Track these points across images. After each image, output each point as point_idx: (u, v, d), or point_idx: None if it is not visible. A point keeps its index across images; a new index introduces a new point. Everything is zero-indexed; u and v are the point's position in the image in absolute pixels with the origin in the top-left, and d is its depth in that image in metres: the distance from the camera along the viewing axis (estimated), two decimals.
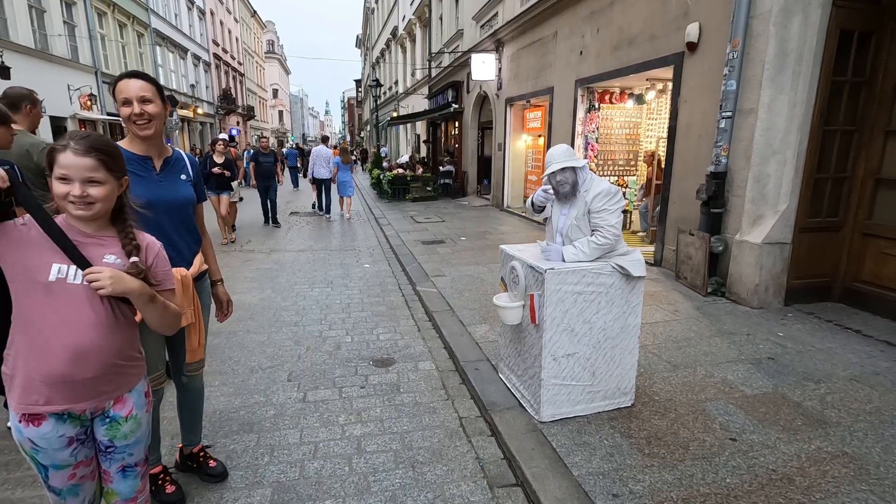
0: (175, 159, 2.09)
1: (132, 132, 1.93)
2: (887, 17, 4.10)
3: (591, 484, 2.22)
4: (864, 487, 2.15)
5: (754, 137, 4.41)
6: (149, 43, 20.64)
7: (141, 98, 1.86)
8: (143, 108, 1.87)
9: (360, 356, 3.79)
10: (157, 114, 1.91)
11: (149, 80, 1.91)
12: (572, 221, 2.70)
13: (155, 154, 2.01)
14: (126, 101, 1.85)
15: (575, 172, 2.68)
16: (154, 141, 1.98)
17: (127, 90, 1.85)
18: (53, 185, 1.32)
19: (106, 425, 1.46)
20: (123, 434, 1.48)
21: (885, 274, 4.20)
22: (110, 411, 1.46)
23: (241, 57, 37.46)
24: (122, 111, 1.87)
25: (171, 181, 2.04)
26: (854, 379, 3.14)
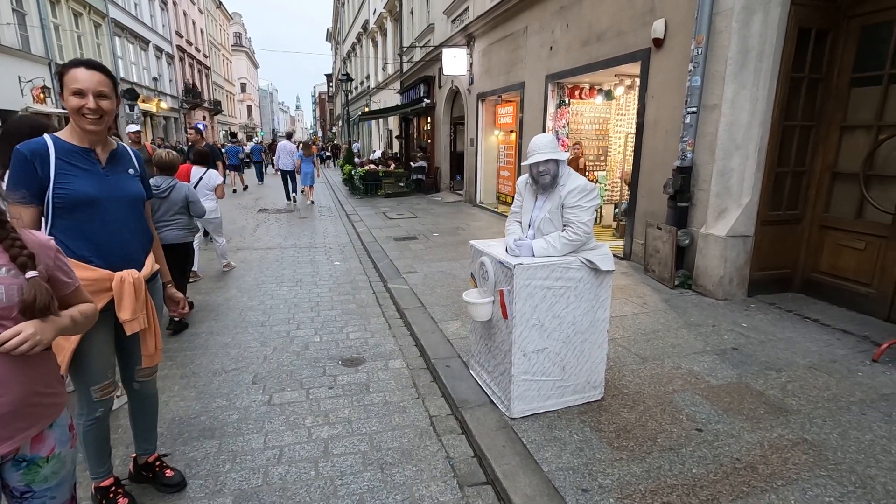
0: (121, 153, 1.97)
1: (78, 125, 1.79)
2: (842, 15, 4.23)
3: (561, 479, 2.21)
4: (823, 473, 2.21)
5: (718, 132, 4.50)
6: (107, 33, 19.76)
7: (99, 93, 1.75)
8: (98, 104, 1.75)
9: (328, 356, 3.70)
10: (111, 110, 1.81)
11: (107, 74, 1.80)
12: (545, 214, 2.68)
13: (99, 147, 1.88)
14: (79, 92, 1.72)
15: (557, 165, 2.65)
16: (101, 134, 1.86)
17: (82, 81, 1.72)
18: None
19: (22, 470, 1.25)
20: (44, 477, 1.28)
21: (841, 265, 4.36)
22: (27, 453, 1.25)
23: (206, 49, 36.31)
24: (72, 101, 1.73)
25: (118, 175, 1.91)
26: (813, 367, 3.23)
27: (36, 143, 1.77)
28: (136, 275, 1.89)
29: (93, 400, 1.93)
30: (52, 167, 1.75)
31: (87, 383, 1.90)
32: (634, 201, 5.92)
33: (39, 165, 1.74)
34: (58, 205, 1.76)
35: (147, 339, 1.98)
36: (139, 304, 1.89)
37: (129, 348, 2.02)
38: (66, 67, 1.75)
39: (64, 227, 1.79)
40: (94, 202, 1.80)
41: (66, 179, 1.76)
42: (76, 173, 1.78)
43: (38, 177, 1.73)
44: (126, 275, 1.85)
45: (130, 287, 1.84)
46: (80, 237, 1.81)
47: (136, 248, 1.95)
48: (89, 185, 1.79)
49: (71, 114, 1.77)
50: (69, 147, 1.80)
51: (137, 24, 23.09)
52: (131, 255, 1.92)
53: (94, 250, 1.83)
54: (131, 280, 1.86)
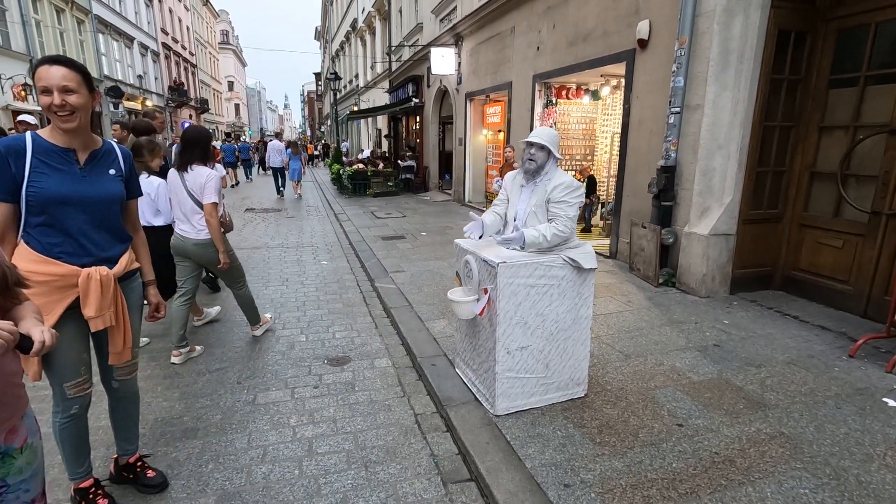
0: (104, 152, 1.94)
1: (54, 124, 1.78)
2: (820, 18, 4.32)
3: (544, 475, 2.23)
4: (798, 466, 2.26)
5: (701, 132, 4.56)
6: (90, 30, 19.44)
7: (63, 88, 1.71)
8: (64, 99, 1.71)
9: (314, 355, 3.69)
10: (82, 105, 1.76)
11: (73, 67, 1.75)
12: (531, 209, 2.71)
13: (79, 146, 1.85)
14: (45, 89, 1.70)
15: (548, 157, 2.69)
16: (79, 133, 1.83)
17: (46, 78, 1.69)
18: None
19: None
20: (18, 468, 1.28)
21: (820, 262, 4.45)
22: (1, 445, 1.24)
23: (192, 47, 35.89)
24: (41, 100, 1.71)
25: (96, 176, 1.88)
26: (791, 362, 3.30)
27: (14, 139, 1.77)
28: (104, 272, 1.86)
29: (67, 397, 1.91)
30: (27, 165, 1.74)
31: (59, 380, 1.89)
32: (620, 200, 5.98)
33: (14, 163, 1.73)
34: (30, 203, 1.76)
35: (115, 337, 1.95)
36: (105, 301, 1.86)
37: (104, 346, 2.00)
38: (35, 66, 1.75)
39: (35, 223, 1.79)
40: (66, 202, 1.79)
41: (39, 178, 1.76)
42: (49, 173, 1.77)
43: (11, 173, 1.73)
44: (93, 271, 1.84)
45: (97, 284, 1.83)
46: (50, 234, 1.80)
47: (108, 247, 1.93)
48: (61, 185, 1.78)
49: (46, 114, 1.75)
50: (47, 146, 1.79)
51: (121, 20, 22.75)
52: (103, 253, 1.90)
53: (64, 248, 1.82)
54: (98, 277, 1.84)
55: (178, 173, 3.48)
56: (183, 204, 3.46)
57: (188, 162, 3.43)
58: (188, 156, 3.43)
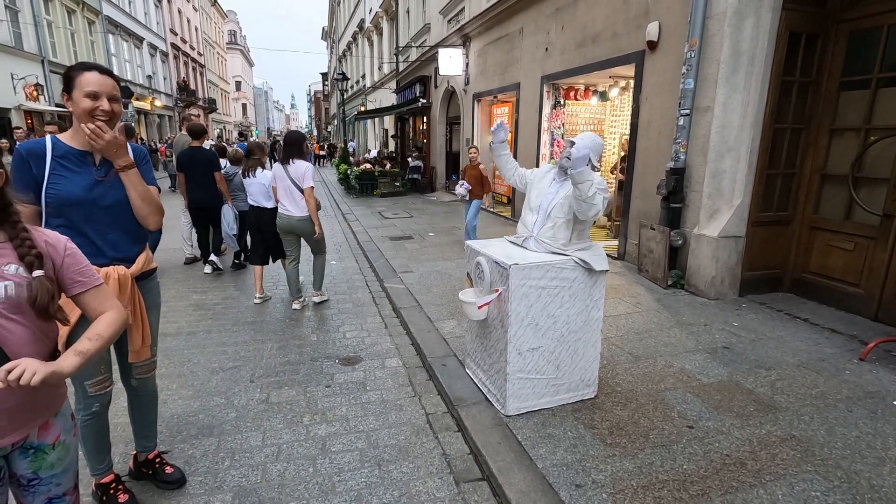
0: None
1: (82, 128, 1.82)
2: (831, 20, 4.31)
3: (556, 475, 2.25)
4: (809, 468, 2.27)
5: (710, 135, 4.56)
6: (100, 31, 19.64)
7: (111, 96, 1.83)
8: (112, 107, 1.83)
9: (325, 355, 3.73)
10: (120, 113, 1.90)
11: (116, 79, 1.90)
12: (559, 201, 2.71)
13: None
14: (95, 94, 1.79)
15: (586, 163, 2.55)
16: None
17: (97, 84, 1.79)
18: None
19: (29, 457, 1.28)
20: (50, 464, 1.32)
21: (831, 265, 4.43)
22: (34, 440, 1.29)
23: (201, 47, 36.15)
24: (85, 103, 1.78)
25: (112, 177, 1.93)
26: (802, 365, 3.30)
27: (35, 143, 1.83)
28: (122, 271, 1.92)
29: (88, 394, 1.97)
30: (46, 168, 1.81)
31: (81, 378, 1.94)
32: (628, 202, 5.98)
33: (35, 165, 1.80)
34: (49, 204, 1.82)
35: (133, 335, 2.00)
36: (123, 299, 1.90)
37: (122, 345, 2.05)
38: (76, 70, 1.79)
39: (55, 225, 1.84)
40: (82, 203, 1.84)
41: (57, 181, 1.82)
42: (67, 175, 1.83)
43: (32, 176, 1.79)
44: (111, 270, 1.89)
45: (115, 283, 1.88)
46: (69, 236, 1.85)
47: (125, 247, 1.97)
48: (78, 188, 1.84)
49: (79, 115, 1.79)
50: (66, 149, 1.85)
51: (131, 21, 22.96)
52: (120, 253, 1.95)
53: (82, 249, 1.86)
54: (116, 276, 1.89)
55: (282, 166, 4.38)
56: (288, 189, 4.37)
57: (290, 157, 4.37)
58: (289, 152, 4.40)
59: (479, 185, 6.66)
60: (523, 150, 8.87)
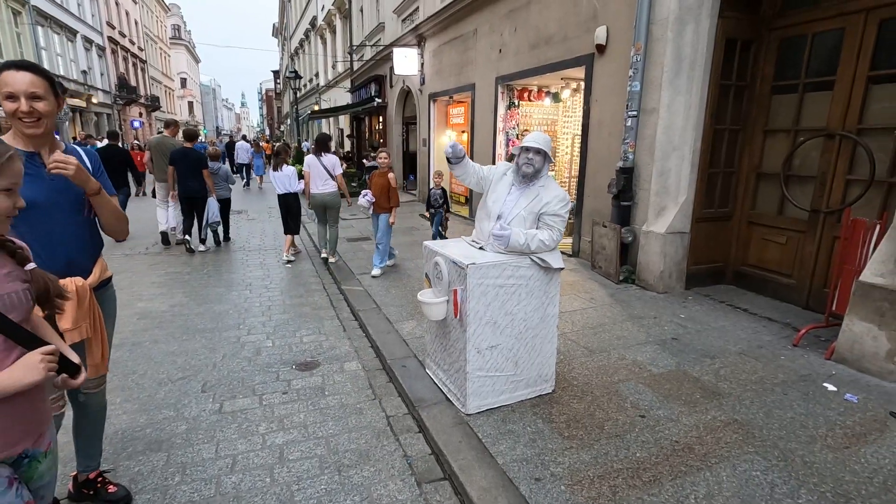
0: (67, 153, 1.84)
1: (18, 129, 1.71)
2: (764, 27, 4.59)
3: (516, 470, 2.29)
4: (750, 450, 2.41)
5: (657, 135, 4.77)
6: (28, 22, 18.27)
7: (30, 94, 1.66)
8: (32, 106, 1.66)
9: (281, 360, 3.63)
10: (49, 112, 1.72)
11: (39, 74, 1.70)
12: (521, 212, 2.74)
13: (44, 150, 1.78)
14: (11, 95, 1.65)
15: (544, 161, 2.74)
16: (44, 138, 1.77)
17: (12, 84, 1.64)
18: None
19: (24, 467, 1.24)
20: (41, 473, 1.29)
21: (767, 258, 4.73)
22: (29, 448, 1.25)
23: (141, 42, 34.30)
24: (6, 106, 1.66)
25: (63, 179, 1.79)
26: (742, 353, 3.50)
27: None
28: (80, 282, 1.80)
29: None
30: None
31: None
32: (581, 200, 6.16)
33: None
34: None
35: (93, 349, 1.89)
36: (82, 312, 1.79)
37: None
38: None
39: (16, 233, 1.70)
40: (35, 207, 1.69)
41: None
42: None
43: None
44: (69, 282, 1.76)
45: (73, 295, 1.76)
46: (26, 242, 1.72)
47: (81, 256, 1.86)
48: (30, 190, 1.69)
49: (9, 118, 1.69)
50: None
51: (63, 12, 21.49)
52: (76, 262, 1.83)
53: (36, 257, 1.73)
54: (74, 288, 1.77)
55: (316, 157, 6.01)
56: (321, 175, 5.98)
57: (320, 151, 6.09)
58: (320, 148, 6.14)
59: (385, 196, 5.57)
60: (480, 151, 8.95)
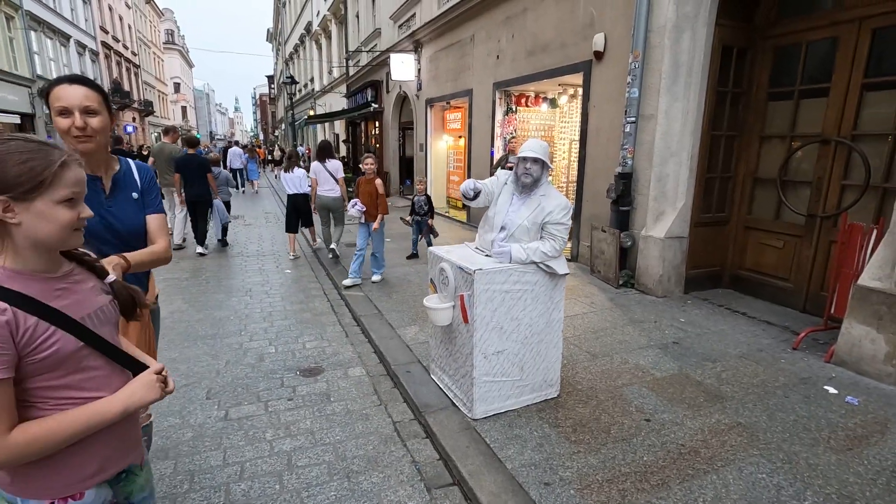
0: (123, 174, 1.77)
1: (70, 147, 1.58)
2: (759, 36, 4.67)
3: (525, 475, 2.30)
4: (755, 453, 2.44)
5: (655, 141, 4.82)
6: (20, 27, 18.15)
7: (84, 109, 1.56)
8: (86, 121, 1.57)
9: (285, 367, 3.63)
10: (103, 128, 1.63)
11: (93, 88, 1.62)
12: (524, 223, 2.74)
13: (103, 171, 1.69)
14: (64, 110, 1.55)
15: (542, 169, 2.75)
16: (99, 156, 1.67)
17: (66, 98, 1.55)
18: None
19: (122, 482, 1.24)
20: (140, 486, 1.30)
21: (763, 262, 4.79)
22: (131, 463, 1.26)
23: (135, 46, 34.15)
24: (59, 122, 1.56)
25: (120, 204, 1.72)
26: (743, 356, 3.54)
27: None
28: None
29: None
30: None
31: None
32: (580, 205, 6.21)
33: None
34: None
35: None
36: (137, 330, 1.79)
37: None
38: (50, 86, 1.59)
39: None
40: (93, 235, 1.63)
41: None
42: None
43: None
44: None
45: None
46: None
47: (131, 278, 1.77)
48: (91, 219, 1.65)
49: (62, 137, 1.59)
50: None
51: (56, 17, 21.38)
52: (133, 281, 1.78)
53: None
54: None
55: (320, 164, 6.41)
56: (326, 179, 6.43)
57: (324, 157, 6.51)
58: (323, 154, 6.58)
59: (374, 204, 5.39)
60: (477, 156, 9.00)
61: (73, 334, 1.02)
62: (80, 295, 1.09)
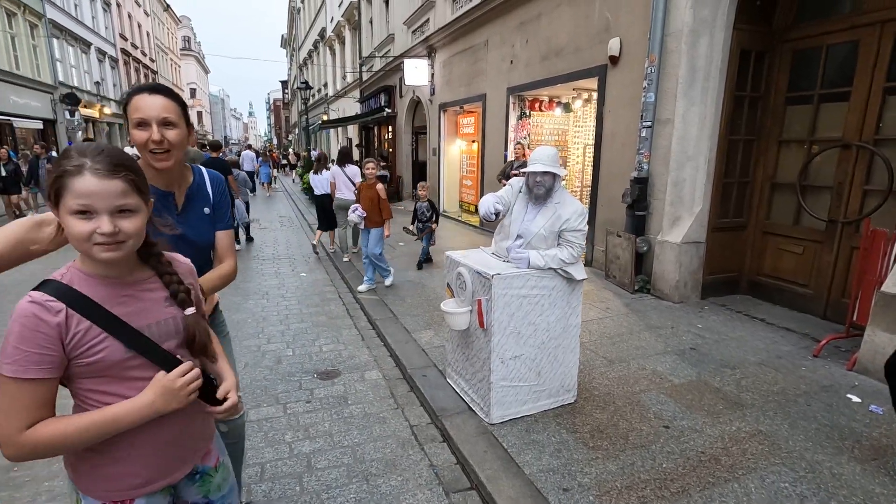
0: (197, 188, 1.67)
1: (148, 163, 1.48)
2: (777, 39, 4.63)
3: (543, 481, 2.30)
4: (777, 461, 2.41)
5: (671, 145, 4.80)
6: (44, 35, 18.63)
7: (163, 120, 1.45)
8: (163, 134, 1.45)
9: (303, 369, 3.67)
10: (180, 143, 1.50)
11: (173, 98, 1.50)
12: (540, 231, 2.73)
13: (177, 187, 1.60)
14: (142, 122, 1.43)
15: (554, 179, 2.74)
16: (175, 171, 1.57)
17: (145, 108, 1.43)
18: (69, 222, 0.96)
19: (197, 483, 1.27)
20: (217, 485, 1.32)
21: (782, 267, 4.73)
22: (199, 465, 1.27)
23: (153, 53, 34.84)
24: (137, 135, 1.44)
25: (192, 219, 1.62)
26: (762, 363, 3.50)
27: None
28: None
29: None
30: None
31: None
32: (594, 210, 6.18)
33: None
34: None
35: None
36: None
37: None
38: (129, 96, 1.48)
39: None
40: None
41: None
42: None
43: None
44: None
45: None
46: None
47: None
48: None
49: (140, 152, 1.48)
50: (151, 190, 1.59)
51: (78, 25, 21.90)
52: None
53: None
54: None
55: (339, 168, 6.75)
56: (344, 183, 6.66)
57: (344, 162, 6.82)
58: (343, 159, 6.87)
59: (376, 209, 5.40)
60: (490, 160, 9.01)
61: (126, 342, 1.02)
62: (146, 304, 1.08)
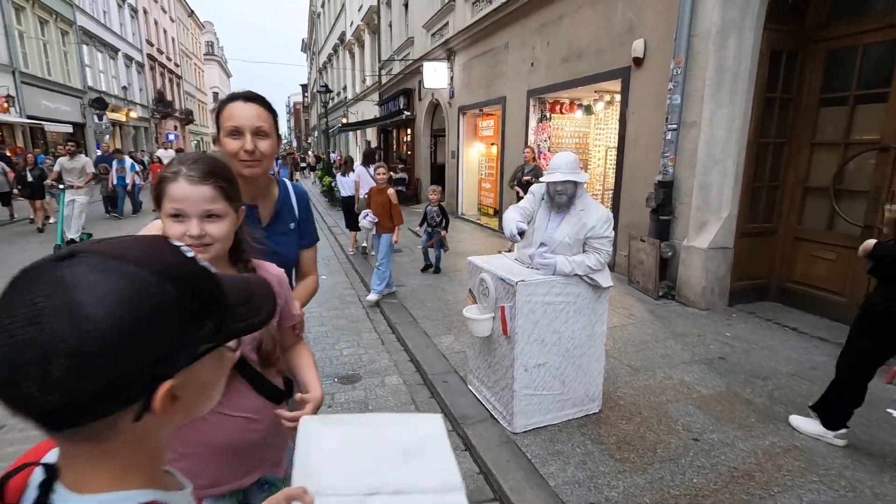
0: (282, 202, 1.59)
1: (235, 171, 1.39)
2: (810, 39, 4.49)
3: (569, 493, 2.24)
4: (815, 479, 2.31)
5: (698, 149, 4.68)
6: (74, 41, 19.22)
7: (256, 130, 1.39)
8: (256, 144, 1.39)
9: (324, 373, 3.66)
10: (271, 153, 1.45)
11: (267, 108, 1.44)
12: (565, 239, 2.69)
13: (262, 199, 1.53)
14: (236, 131, 1.38)
15: (575, 186, 2.69)
16: (261, 182, 1.51)
17: (239, 117, 1.38)
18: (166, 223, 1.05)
19: (265, 492, 1.25)
20: None
21: (814, 274, 4.57)
22: (268, 475, 1.26)
23: (177, 58, 35.66)
24: (228, 144, 1.39)
25: (277, 236, 1.54)
26: (795, 374, 3.38)
27: None
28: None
29: None
30: None
31: None
32: (616, 214, 6.08)
33: None
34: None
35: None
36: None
37: None
38: (222, 103, 1.44)
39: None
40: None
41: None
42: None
43: None
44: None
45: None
46: None
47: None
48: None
49: (230, 160, 1.42)
50: None
51: (106, 31, 22.55)
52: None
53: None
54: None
55: (365, 168, 7.03)
56: (369, 183, 6.43)
57: (369, 163, 7.17)
58: (367, 160, 7.30)
59: (387, 215, 5.29)
60: (510, 163, 8.95)
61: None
62: None
